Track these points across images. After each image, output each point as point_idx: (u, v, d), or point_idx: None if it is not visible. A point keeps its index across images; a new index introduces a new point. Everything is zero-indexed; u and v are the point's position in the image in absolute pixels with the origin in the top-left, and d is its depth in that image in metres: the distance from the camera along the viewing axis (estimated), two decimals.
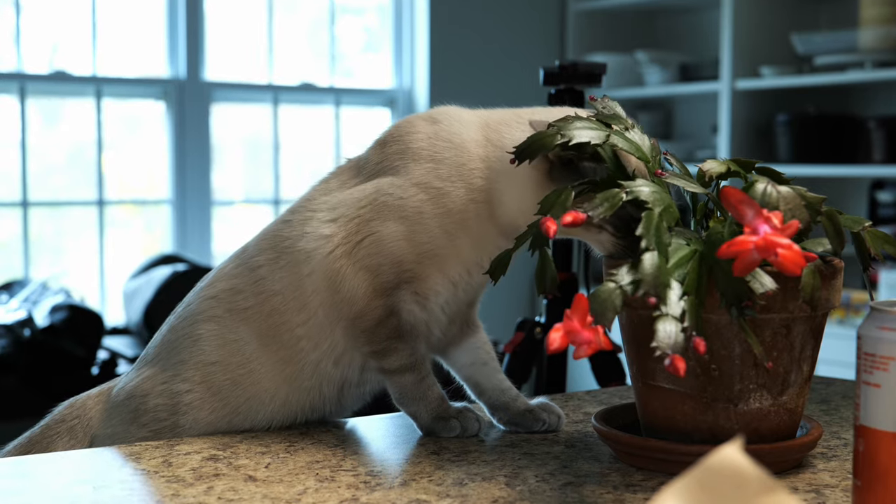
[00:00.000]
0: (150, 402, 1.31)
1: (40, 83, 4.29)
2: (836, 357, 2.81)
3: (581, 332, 0.97)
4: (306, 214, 1.34)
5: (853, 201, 4.65)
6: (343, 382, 1.33)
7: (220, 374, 1.31)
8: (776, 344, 1.09)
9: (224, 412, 1.31)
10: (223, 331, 1.32)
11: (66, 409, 1.37)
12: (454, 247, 1.29)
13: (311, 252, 1.30)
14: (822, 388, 1.57)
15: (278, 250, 1.33)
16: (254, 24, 4.75)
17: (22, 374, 3.36)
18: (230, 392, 1.31)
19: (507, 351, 2.15)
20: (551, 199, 1.11)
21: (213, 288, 1.35)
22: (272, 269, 1.32)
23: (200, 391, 1.31)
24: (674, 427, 1.13)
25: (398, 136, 1.34)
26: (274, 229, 1.36)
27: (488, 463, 1.17)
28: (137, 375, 1.35)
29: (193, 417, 1.30)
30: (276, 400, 1.32)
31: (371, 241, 1.29)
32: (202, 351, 1.32)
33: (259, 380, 1.31)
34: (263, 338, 1.31)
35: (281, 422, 1.33)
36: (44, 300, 3.70)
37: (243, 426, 1.32)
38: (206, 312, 1.33)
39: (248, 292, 1.32)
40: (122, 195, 4.60)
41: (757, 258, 0.98)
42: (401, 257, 1.28)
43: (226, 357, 1.31)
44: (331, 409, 1.35)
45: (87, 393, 1.39)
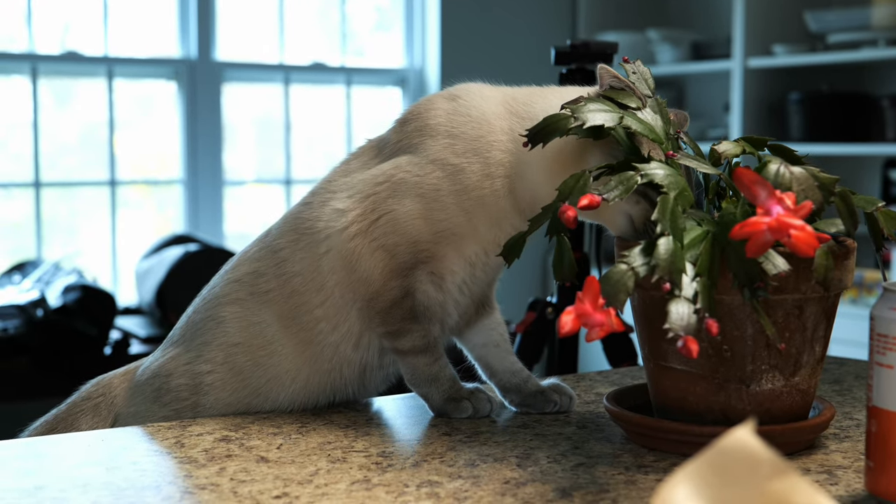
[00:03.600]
0: (173, 381, 1.32)
1: (52, 64, 4.29)
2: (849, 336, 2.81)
3: (593, 314, 0.97)
4: (326, 196, 1.34)
5: (866, 180, 4.63)
6: (364, 365, 1.34)
7: (242, 356, 1.32)
8: (789, 325, 1.09)
9: (244, 393, 1.32)
10: (246, 313, 1.33)
11: (92, 387, 1.38)
12: (471, 225, 1.29)
13: (325, 230, 1.31)
14: (835, 368, 1.56)
15: (299, 232, 1.33)
16: (264, 4, 4.74)
17: (35, 355, 3.37)
18: (252, 373, 1.31)
19: (518, 331, 2.15)
20: (569, 184, 1.11)
21: (236, 271, 1.36)
22: (293, 250, 1.32)
23: (222, 372, 1.31)
24: (686, 408, 1.13)
25: (417, 114, 1.34)
26: (295, 211, 1.36)
27: (500, 444, 1.17)
28: (163, 356, 1.36)
29: (215, 397, 1.31)
30: (297, 382, 1.32)
31: (387, 219, 1.29)
32: (225, 332, 1.33)
33: (280, 361, 1.31)
34: (284, 319, 1.31)
35: (302, 403, 1.33)
36: (56, 280, 3.71)
37: (263, 407, 1.32)
38: (230, 295, 1.34)
39: (269, 275, 1.33)
40: (134, 175, 4.60)
41: (770, 239, 0.97)
42: (417, 236, 1.28)
43: (248, 339, 1.32)
44: (353, 392, 1.36)
45: (114, 372, 1.40)
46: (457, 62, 4.88)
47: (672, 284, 1.00)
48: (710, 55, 4.90)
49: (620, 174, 1.09)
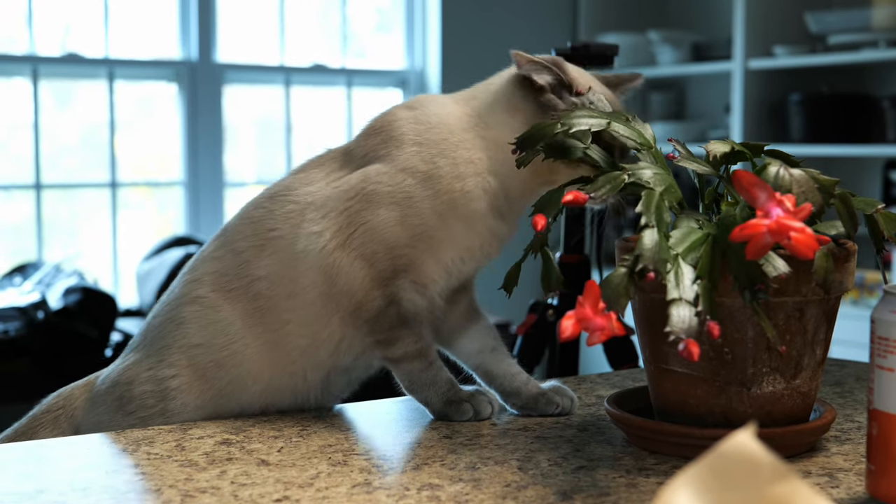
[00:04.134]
0: (136, 389, 1.31)
1: (53, 65, 4.29)
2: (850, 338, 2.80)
3: (594, 318, 0.97)
4: (289, 207, 1.33)
5: (867, 181, 4.63)
6: (329, 370, 1.33)
7: (204, 357, 1.30)
8: (789, 327, 1.09)
9: (210, 395, 1.30)
10: (206, 311, 1.31)
11: (53, 399, 1.37)
12: (446, 229, 1.30)
13: (304, 251, 1.30)
14: (836, 370, 1.56)
15: (262, 238, 1.32)
16: (265, 6, 4.74)
17: (35, 357, 3.37)
18: (215, 374, 1.30)
19: (519, 333, 2.15)
20: (545, 199, 1.15)
21: (195, 272, 1.35)
22: (256, 254, 1.32)
23: (187, 375, 1.30)
24: (687, 411, 1.13)
25: (381, 126, 1.35)
26: (255, 215, 1.35)
27: (501, 447, 1.17)
28: (122, 363, 1.34)
29: (182, 402, 1.30)
30: (259, 382, 1.31)
31: (364, 229, 1.29)
32: (186, 334, 1.31)
33: (242, 361, 1.30)
34: (248, 318, 1.31)
35: (263, 405, 1.32)
36: (57, 282, 3.71)
37: (229, 408, 1.31)
38: (189, 295, 1.33)
39: (231, 275, 1.32)
40: (135, 177, 4.60)
41: (770, 241, 0.97)
42: (394, 243, 1.29)
43: (210, 338, 1.31)
44: (315, 396, 1.35)
45: (75, 383, 1.38)
46: (457, 63, 4.89)
47: (656, 274, 1.00)
48: (711, 56, 4.90)
49: (607, 174, 1.11)
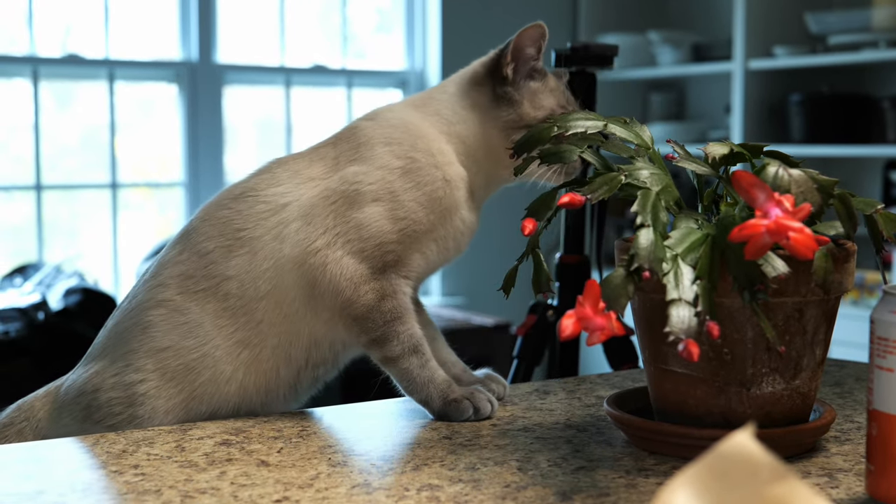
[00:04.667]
0: (102, 396, 1.30)
1: (53, 66, 4.29)
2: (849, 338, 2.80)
3: (594, 318, 0.97)
4: (259, 207, 1.33)
5: (867, 181, 4.63)
6: (302, 366, 1.34)
7: (172, 360, 1.30)
8: (789, 328, 1.09)
9: (180, 398, 1.30)
10: (173, 314, 1.31)
11: (13, 412, 1.37)
12: (430, 221, 1.33)
13: (288, 253, 1.31)
14: (836, 370, 1.56)
15: (231, 238, 1.32)
16: (265, 6, 4.74)
17: (36, 357, 3.37)
18: (185, 377, 1.30)
19: (519, 334, 2.15)
20: (537, 201, 1.17)
21: (158, 276, 1.34)
22: (224, 255, 1.32)
23: (155, 379, 1.30)
24: (686, 411, 1.13)
25: (346, 135, 1.39)
26: (220, 215, 1.35)
27: (500, 447, 1.17)
28: (85, 371, 1.34)
29: (151, 407, 1.29)
30: (232, 383, 1.31)
31: (351, 228, 1.31)
32: (153, 337, 1.31)
33: (214, 363, 1.30)
34: (218, 319, 1.31)
35: (236, 405, 1.32)
36: (58, 283, 3.71)
37: (200, 410, 1.31)
38: (154, 298, 1.33)
39: (198, 276, 1.32)
40: (136, 178, 4.60)
41: (769, 242, 0.97)
42: (384, 238, 1.31)
43: (178, 341, 1.30)
44: (285, 394, 1.35)
45: (34, 394, 1.38)
46: (458, 64, 4.85)
47: (652, 273, 1.00)
48: (711, 57, 4.90)
49: (605, 175, 1.11)
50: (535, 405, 1.36)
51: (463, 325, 4.02)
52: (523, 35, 1.39)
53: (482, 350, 3.88)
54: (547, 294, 1.21)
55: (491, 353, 3.89)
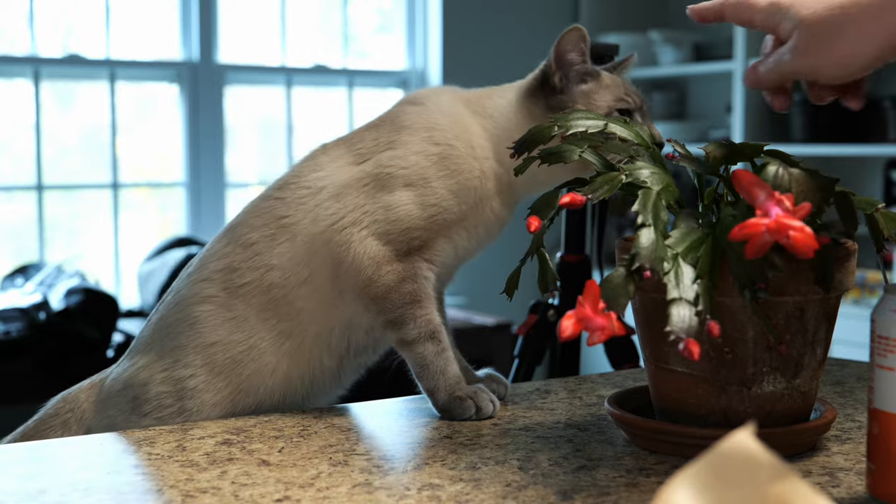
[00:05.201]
0: (152, 390, 1.32)
1: (54, 67, 4.29)
2: (850, 337, 2.80)
3: (594, 318, 0.97)
4: (300, 192, 1.35)
5: (868, 181, 4.63)
6: (343, 353, 1.35)
7: (220, 354, 1.32)
8: (789, 327, 1.09)
9: (227, 391, 1.32)
10: (220, 310, 1.33)
11: (58, 402, 1.38)
12: (459, 209, 1.33)
13: (316, 231, 1.32)
14: (837, 370, 1.56)
15: (274, 227, 1.34)
16: (266, 6, 4.74)
17: (37, 358, 3.37)
18: (232, 371, 1.32)
19: (520, 333, 2.15)
20: (540, 200, 1.17)
21: (203, 270, 1.36)
22: (269, 244, 1.33)
23: (203, 374, 1.31)
24: (687, 410, 1.13)
25: (389, 118, 1.39)
26: (265, 206, 1.36)
27: (501, 447, 1.17)
28: (132, 365, 1.35)
29: (200, 400, 1.31)
30: (276, 374, 1.33)
31: (378, 209, 1.31)
32: (200, 333, 1.32)
33: (260, 355, 1.32)
34: (263, 312, 1.32)
35: (281, 395, 1.34)
36: (59, 283, 3.72)
37: (246, 403, 1.33)
38: (200, 294, 1.34)
39: (243, 269, 1.33)
40: (137, 178, 4.60)
41: (769, 241, 0.97)
42: (410, 224, 1.31)
43: (225, 336, 1.32)
44: (328, 382, 1.37)
45: (78, 385, 1.39)
46: (458, 64, 4.89)
47: (653, 272, 1.00)
48: (712, 56, 4.90)
49: (605, 174, 1.11)
50: (537, 404, 1.36)
51: (464, 325, 4.03)
52: (562, 41, 1.37)
53: (483, 350, 3.88)
54: (549, 293, 1.21)
55: (492, 352, 3.90)
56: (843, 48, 1.05)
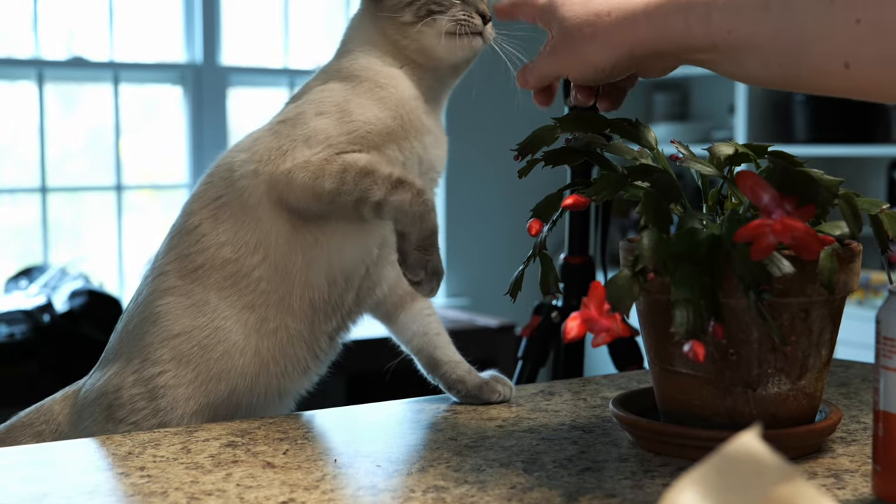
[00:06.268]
0: (125, 394, 1.31)
1: (58, 69, 4.30)
2: (855, 338, 2.80)
3: (599, 319, 0.97)
4: (226, 172, 1.35)
5: (872, 181, 4.62)
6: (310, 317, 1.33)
7: (186, 344, 1.30)
8: (794, 328, 1.09)
9: (199, 382, 1.30)
10: (180, 299, 1.32)
11: (32, 413, 1.37)
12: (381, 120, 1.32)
13: (246, 186, 1.32)
14: (841, 371, 1.56)
15: (213, 207, 1.34)
16: (269, 8, 4.74)
17: (42, 360, 3.37)
18: (200, 358, 1.30)
19: (524, 335, 2.15)
20: (543, 202, 1.17)
21: (155, 270, 1.36)
22: (213, 225, 1.33)
23: (172, 368, 1.30)
24: (692, 412, 1.13)
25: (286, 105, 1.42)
26: (199, 192, 1.36)
27: (506, 448, 1.17)
28: (103, 374, 1.34)
29: (172, 397, 1.30)
30: (246, 352, 1.31)
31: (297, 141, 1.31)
32: (164, 327, 1.31)
33: (226, 336, 1.31)
34: (222, 290, 1.31)
35: (254, 375, 1.32)
36: (63, 285, 3.72)
37: (219, 391, 1.31)
38: (158, 289, 1.33)
39: (193, 253, 1.33)
40: (140, 180, 4.61)
41: (774, 242, 0.97)
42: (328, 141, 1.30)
43: (189, 323, 1.31)
44: (302, 354, 1.34)
45: (51, 397, 1.39)
46: None
47: (657, 273, 1.00)
48: None
49: (609, 176, 1.12)
50: (541, 406, 1.36)
51: (467, 326, 4.02)
52: None
53: (486, 351, 3.88)
54: (553, 295, 1.21)
55: (495, 354, 3.89)
56: (590, 53, 1.12)
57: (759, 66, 1.01)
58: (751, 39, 1.00)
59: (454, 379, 1.37)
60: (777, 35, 0.98)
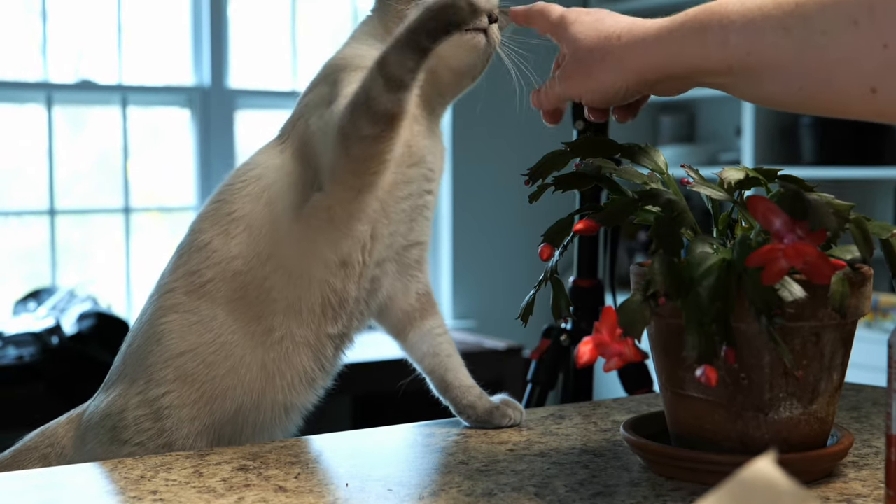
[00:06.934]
0: (129, 415, 1.30)
1: (66, 92, 4.32)
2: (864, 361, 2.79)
3: (611, 344, 0.97)
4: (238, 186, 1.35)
5: (880, 202, 4.62)
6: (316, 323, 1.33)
7: (191, 362, 1.30)
8: (806, 352, 1.09)
9: (203, 400, 1.30)
10: (186, 316, 1.31)
11: (37, 437, 1.37)
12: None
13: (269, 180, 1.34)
14: (853, 394, 1.56)
15: (225, 223, 1.33)
16: (277, 31, 4.76)
17: (50, 382, 3.37)
18: (206, 376, 1.30)
19: (533, 358, 2.15)
20: (554, 227, 1.17)
21: (162, 286, 1.35)
22: (224, 240, 1.33)
23: (177, 388, 1.30)
24: (703, 436, 1.13)
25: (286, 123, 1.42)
26: (210, 210, 1.36)
27: (517, 473, 1.17)
28: (106, 396, 1.34)
29: (177, 417, 1.30)
30: (252, 366, 1.31)
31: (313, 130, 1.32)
32: (168, 346, 1.31)
33: (232, 350, 1.30)
34: (230, 302, 1.31)
35: (260, 390, 1.31)
36: (71, 308, 3.72)
37: (224, 409, 1.31)
38: (163, 307, 1.33)
39: (202, 269, 1.32)
40: (148, 202, 4.62)
41: (785, 266, 0.97)
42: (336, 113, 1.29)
43: (194, 341, 1.30)
44: (308, 366, 1.34)
45: (56, 421, 1.39)
46: None
47: (668, 298, 1.01)
48: None
49: (619, 200, 1.12)
50: (551, 430, 1.36)
51: (475, 349, 4.02)
52: None
53: (494, 373, 3.88)
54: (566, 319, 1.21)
55: (503, 376, 3.89)
56: (602, 77, 1.13)
57: (779, 88, 1.01)
58: (770, 62, 1.00)
59: (465, 404, 1.37)
60: (798, 58, 0.97)
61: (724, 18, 1.03)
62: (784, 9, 0.99)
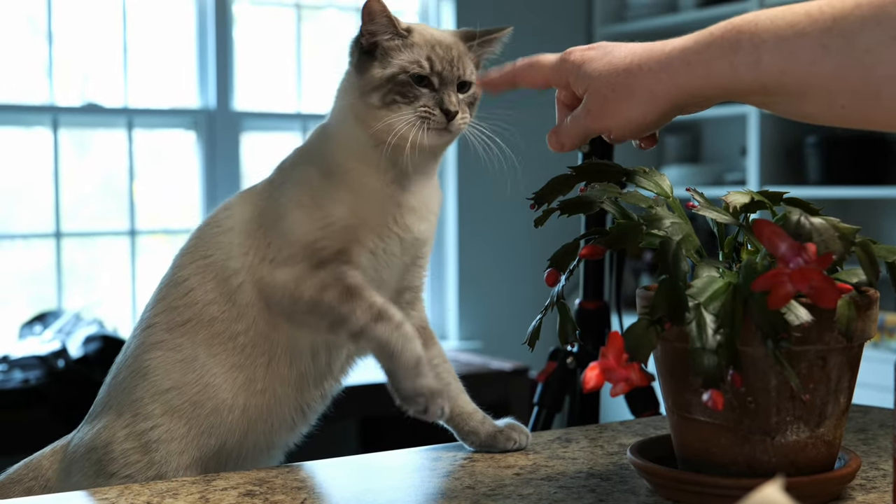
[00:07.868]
0: (116, 448, 1.31)
1: (72, 115, 4.33)
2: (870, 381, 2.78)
3: (617, 369, 0.97)
4: (214, 231, 1.36)
5: (885, 222, 4.62)
6: (297, 380, 1.34)
7: (178, 399, 1.31)
8: (812, 376, 1.09)
9: (191, 436, 1.31)
10: (169, 353, 1.33)
11: (21, 469, 1.37)
12: (355, 215, 1.31)
13: (236, 269, 1.33)
14: (860, 416, 1.55)
15: (201, 264, 1.35)
16: (282, 54, 4.78)
17: (56, 405, 3.37)
18: (192, 413, 1.31)
19: (539, 380, 2.14)
20: (559, 253, 1.18)
21: (144, 322, 1.37)
22: (201, 280, 1.34)
23: (165, 422, 1.31)
24: (710, 460, 1.12)
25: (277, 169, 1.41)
26: (190, 245, 1.38)
27: (524, 497, 1.16)
28: (91, 428, 1.35)
29: (166, 450, 1.31)
30: (234, 410, 1.32)
31: (276, 237, 1.32)
32: (154, 382, 1.32)
33: (216, 393, 1.32)
34: (210, 347, 1.32)
35: (243, 433, 1.33)
36: (77, 331, 3.72)
37: (210, 445, 1.32)
38: (146, 343, 1.34)
39: (181, 306, 1.34)
40: (154, 225, 4.63)
41: (791, 290, 0.97)
42: (306, 238, 1.30)
43: (179, 378, 1.32)
44: (291, 414, 1.35)
45: (40, 452, 1.39)
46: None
47: (673, 322, 1.00)
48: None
49: (625, 224, 1.12)
50: (558, 453, 1.35)
51: (480, 370, 4.02)
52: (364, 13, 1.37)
53: (500, 395, 3.87)
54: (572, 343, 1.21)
55: (508, 397, 3.88)
56: (632, 111, 1.11)
57: (820, 106, 1.00)
58: (808, 80, 0.98)
59: (467, 430, 1.37)
60: (840, 75, 0.96)
61: (755, 37, 1.01)
62: (820, 26, 0.97)
